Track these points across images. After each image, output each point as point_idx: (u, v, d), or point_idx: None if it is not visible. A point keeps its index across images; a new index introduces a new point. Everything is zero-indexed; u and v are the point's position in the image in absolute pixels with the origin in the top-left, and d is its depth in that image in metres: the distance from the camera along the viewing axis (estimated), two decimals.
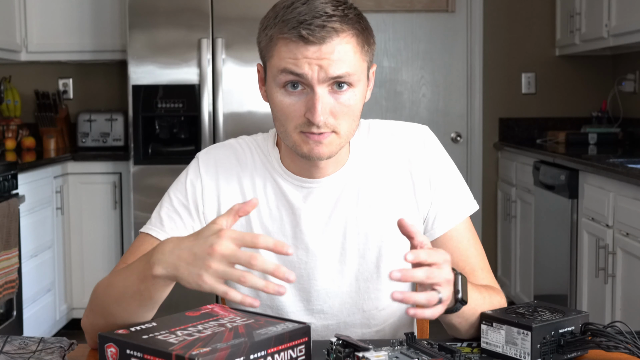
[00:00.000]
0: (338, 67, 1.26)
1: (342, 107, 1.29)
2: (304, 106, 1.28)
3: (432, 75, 4.94)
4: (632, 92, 4.53)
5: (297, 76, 1.27)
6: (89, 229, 4.29)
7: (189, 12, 4.08)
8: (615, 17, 3.88)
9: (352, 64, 1.28)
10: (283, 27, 1.27)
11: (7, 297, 3.27)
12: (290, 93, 1.29)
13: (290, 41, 1.27)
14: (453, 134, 4.96)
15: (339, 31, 1.26)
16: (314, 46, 1.26)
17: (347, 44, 1.28)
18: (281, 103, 1.30)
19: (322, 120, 1.27)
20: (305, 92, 1.29)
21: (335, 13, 1.27)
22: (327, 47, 1.26)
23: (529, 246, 4.18)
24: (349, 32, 1.28)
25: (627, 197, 2.92)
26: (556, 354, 1.17)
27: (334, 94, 1.29)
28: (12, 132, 4.52)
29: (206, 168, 1.44)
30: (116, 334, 1.10)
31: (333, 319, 1.44)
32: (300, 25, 1.25)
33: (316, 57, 1.26)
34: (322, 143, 1.30)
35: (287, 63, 1.27)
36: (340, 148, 1.34)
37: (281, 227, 1.41)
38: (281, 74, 1.28)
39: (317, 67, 1.26)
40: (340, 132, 1.31)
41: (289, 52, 1.27)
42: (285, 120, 1.31)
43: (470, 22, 4.89)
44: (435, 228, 1.43)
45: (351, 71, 1.28)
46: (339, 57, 1.26)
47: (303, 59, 1.26)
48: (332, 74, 1.26)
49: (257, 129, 1.82)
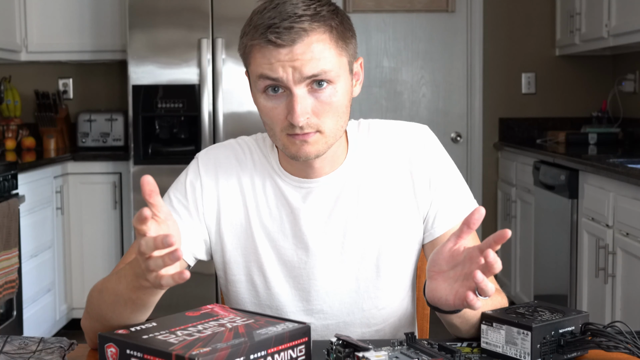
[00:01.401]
0: (312, 66, 1.26)
1: (323, 105, 1.29)
2: (285, 109, 1.29)
3: (432, 75, 4.94)
4: (632, 92, 4.53)
5: (274, 80, 1.27)
6: (89, 229, 4.29)
7: (189, 12, 4.08)
8: (615, 17, 3.88)
9: (327, 61, 1.28)
10: (254, 34, 1.28)
11: (7, 297, 3.27)
12: (271, 97, 1.30)
13: (261, 47, 1.27)
14: (453, 134, 4.96)
15: (308, 30, 1.26)
16: (284, 49, 1.26)
17: (318, 42, 1.27)
18: (265, 108, 1.31)
19: (302, 121, 1.27)
20: (286, 94, 1.29)
21: (306, 13, 1.26)
22: (298, 47, 1.26)
23: (529, 246, 4.18)
24: (319, 29, 1.27)
25: (627, 197, 2.92)
26: (556, 354, 1.17)
27: (314, 92, 1.29)
28: (12, 132, 4.53)
29: (206, 168, 1.44)
30: (116, 334, 1.10)
31: (333, 318, 1.44)
32: (267, 30, 1.26)
33: (288, 59, 1.26)
34: (307, 142, 1.30)
35: (263, 69, 1.28)
36: (328, 146, 1.33)
37: (281, 227, 1.41)
38: (259, 79, 1.29)
39: (291, 69, 1.26)
40: (324, 131, 1.31)
41: (263, 58, 1.27)
42: (272, 124, 1.32)
43: (470, 22, 4.89)
44: (435, 227, 1.43)
45: (327, 68, 1.28)
46: (311, 56, 1.26)
47: (276, 62, 1.26)
48: (307, 74, 1.26)
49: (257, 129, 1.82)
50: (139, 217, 1.06)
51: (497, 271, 1.12)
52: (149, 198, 1.09)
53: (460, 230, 1.16)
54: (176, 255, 1.03)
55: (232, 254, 1.43)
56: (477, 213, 1.13)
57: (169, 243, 1.03)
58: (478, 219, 1.13)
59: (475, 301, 1.13)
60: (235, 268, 1.44)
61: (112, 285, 1.23)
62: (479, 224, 1.14)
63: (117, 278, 1.22)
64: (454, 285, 1.18)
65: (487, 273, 1.12)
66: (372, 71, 4.90)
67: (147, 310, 1.22)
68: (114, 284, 1.22)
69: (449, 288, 1.19)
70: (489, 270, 1.12)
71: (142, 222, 1.06)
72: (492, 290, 1.12)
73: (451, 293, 1.19)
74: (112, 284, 1.23)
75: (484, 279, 1.10)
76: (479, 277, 1.10)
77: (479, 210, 1.13)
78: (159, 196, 1.10)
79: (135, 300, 1.18)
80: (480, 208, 1.13)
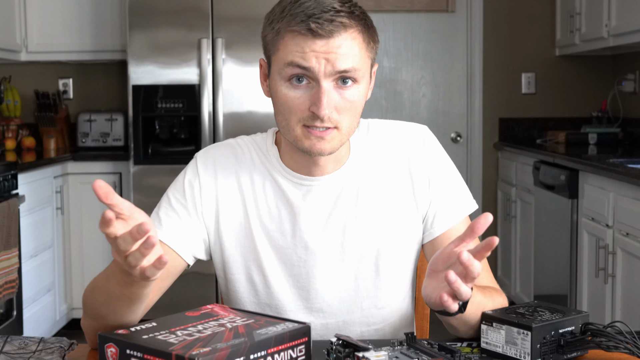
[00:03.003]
0: (345, 62, 1.27)
1: (345, 102, 1.30)
2: (308, 100, 1.29)
3: (432, 75, 4.94)
4: (632, 92, 4.53)
5: (304, 69, 1.27)
6: (89, 229, 4.28)
7: (189, 12, 4.08)
8: (615, 17, 3.88)
9: (357, 60, 1.29)
10: (291, 21, 1.28)
11: (7, 297, 3.27)
12: (295, 87, 1.30)
13: (298, 34, 1.27)
14: (453, 134, 4.96)
15: (346, 26, 1.27)
16: (321, 40, 1.26)
17: (353, 40, 1.28)
18: (285, 96, 1.31)
19: (326, 114, 1.28)
20: (311, 86, 1.29)
21: (343, 9, 1.28)
22: (334, 41, 1.26)
23: (529, 246, 4.18)
24: (356, 27, 1.29)
25: (627, 197, 2.92)
26: (556, 354, 1.17)
27: (339, 89, 1.29)
28: (12, 132, 4.52)
29: (204, 167, 1.44)
30: (116, 334, 1.10)
31: (332, 317, 1.44)
32: (309, 19, 1.26)
33: (324, 50, 1.26)
34: (324, 139, 1.31)
35: (294, 56, 1.28)
36: (341, 144, 1.34)
37: (280, 226, 1.41)
38: (287, 67, 1.29)
39: (324, 61, 1.27)
40: (342, 128, 1.31)
41: (297, 46, 1.27)
42: (289, 114, 1.31)
43: (470, 22, 4.89)
44: (435, 227, 1.43)
45: (357, 66, 1.29)
46: (345, 51, 1.27)
47: (310, 52, 1.27)
48: (338, 68, 1.27)
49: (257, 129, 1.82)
50: (103, 220, 1.03)
51: (475, 275, 1.11)
52: (106, 200, 1.05)
53: (464, 234, 1.16)
54: (150, 242, 1.02)
55: (231, 253, 1.43)
56: (484, 219, 1.12)
57: (144, 230, 1.02)
58: (484, 224, 1.12)
59: (450, 303, 1.12)
60: (235, 267, 1.44)
61: (103, 284, 1.24)
62: (484, 230, 1.13)
63: (105, 276, 1.23)
64: (441, 285, 1.18)
65: (467, 278, 1.11)
66: None
67: (141, 303, 1.23)
68: (104, 283, 1.23)
69: (437, 287, 1.19)
70: (467, 274, 1.11)
71: (108, 225, 1.04)
72: (467, 293, 1.12)
73: (436, 293, 1.19)
74: (102, 282, 1.24)
75: (456, 280, 1.10)
76: (452, 278, 1.09)
77: (486, 216, 1.12)
78: (116, 195, 1.07)
79: (128, 295, 1.19)
80: (488, 214, 1.12)
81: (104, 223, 1.04)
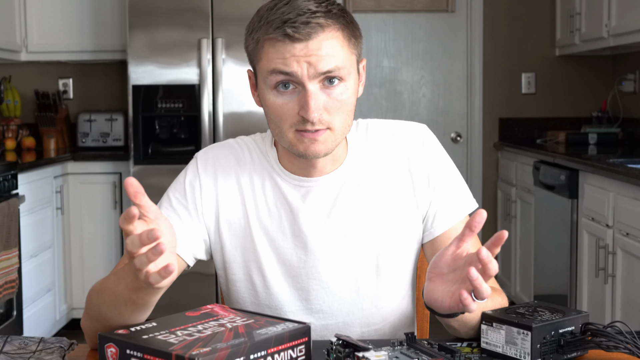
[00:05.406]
0: (327, 62, 1.27)
1: (334, 102, 1.30)
2: (297, 105, 1.29)
3: (432, 75, 4.94)
4: (632, 92, 4.52)
5: (287, 75, 1.27)
6: (89, 229, 4.28)
7: (189, 12, 4.08)
8: (615, 17, 3.88)
9: (340, 58, 1.28)
10: (268, 28, 1.28)
11: (7, 297, 3.27)
12: (282, 93, 1.29)
13: (276, 41, 1.27)
14: (453, 134, 4.96)
15: (324, 26, 1.27)
16: (300, 43, 1.26)
17: (333, 39, 1.28)
18: (274, 104, 1.30)
19: (316, 116, 1.27)
20: (297, 90, 1.29)
21: (319, 9, 1.27)
22: (313, 43, 1.26)
23: (529, 246, 4.18)
24: (333, 26, 1.28)
25: (627, 197, 2.92)
26: (556, 354, 1.17)
27: (326, 89, 1.29)
28: (12, 132, 4.52)
29: (205, 168, 1.44)
30: (116, 334, 1.10)
31: (332, 318, 1.44)
32: (284, 24, 1.26)
33: (304, 54, 1.26)
34: (317, 140, 1.30)
35: (276, 63, 1.27)
36: (336, 144, 1.34)
37: (280, 226, 1.41)
38: (271, 75, 1.29)
39: (306, 64, 1.26)
40: (334, 128, 1.31)
41: (277, 52, 1.27)
42: (280, 121, 1.31)
43: (470, 22, 4.89)
44: (435, 226, 1.43)
45: (340, 65, 1.28)
46: (326, 52, 1.27)
47: (291, 57, 1.26)
48: (321, 69, 1.27)
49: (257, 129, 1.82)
50: (126, 215, 1.03)
51: (493, 272, 1.11)
52: (134, 200, 1.06)
53: (462, 234, 1.16)
54: (159, 249, 1.02)
55: (231, 254, 1.43)
56: (479, 216, 1.12)
57: (154, 237, 1.01)
58: (479, 221, 1.12)
59: (470, 301, 1.12)
60: (235, 267, 1.44)
61: (111, 286, 1.22)
62: (481, 227, 1.13)
63: (116, 279, 1.22)
64: (451, 288, 1.18)
65: (484, 275, 1.12)
66: (372, 71, 4.89)
67: (147, 310, 1.22)
68: (113, 285, 1.22)
69: (446, 290, 1.19)
70: (485, 271, 1.11)
71: (129, 221, 1.04)
72: (488, 291, 1.12)
73: (447, 295, 1.19)
74: (111, 284, 1.23)
75: (478, 277, 1.10)
76: (474, 275, 1.09)
77: (480, 213, 1.12)
78: (146, 196, 1.08)
79: (135, 301, 1.18)
80: (482, 211, 1.13)
81: (126, 219, 1.04)
